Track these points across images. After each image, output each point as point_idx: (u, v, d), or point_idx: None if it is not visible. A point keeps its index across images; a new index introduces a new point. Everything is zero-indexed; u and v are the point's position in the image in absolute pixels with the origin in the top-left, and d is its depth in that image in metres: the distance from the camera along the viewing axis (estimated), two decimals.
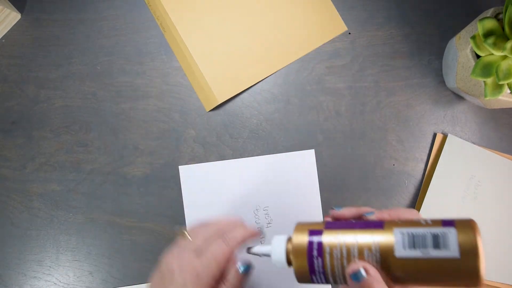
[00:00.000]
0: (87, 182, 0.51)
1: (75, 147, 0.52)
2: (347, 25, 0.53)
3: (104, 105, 0.52)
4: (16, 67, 0.52)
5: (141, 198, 0.51)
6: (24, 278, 0.51)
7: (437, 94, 0.52)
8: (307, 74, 0.52)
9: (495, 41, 0.39)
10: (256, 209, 0.51)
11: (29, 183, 0.51)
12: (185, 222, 0.51)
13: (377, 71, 0.52)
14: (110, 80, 0.52)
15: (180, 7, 0.52)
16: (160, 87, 0.52)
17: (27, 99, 0.52)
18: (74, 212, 0.51)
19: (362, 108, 0.52)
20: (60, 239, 0.51)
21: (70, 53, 0.53)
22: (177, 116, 0.52)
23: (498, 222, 0.50)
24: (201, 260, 0.34)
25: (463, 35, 0.46)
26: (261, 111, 0.52)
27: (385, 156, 0.52)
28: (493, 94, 0.41)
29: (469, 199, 0.50)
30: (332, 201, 0.51)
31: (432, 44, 0.53)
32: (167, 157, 0.51)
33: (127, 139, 0.52)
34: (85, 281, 0.50)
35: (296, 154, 0.51)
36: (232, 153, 0.51)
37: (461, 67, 0.45)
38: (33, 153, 0.52)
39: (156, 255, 0.51)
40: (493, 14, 0.42)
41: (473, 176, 0.50)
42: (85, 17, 0.53)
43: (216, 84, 0.51)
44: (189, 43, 0.51)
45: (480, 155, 0.51)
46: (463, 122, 0.52)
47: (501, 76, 0.39)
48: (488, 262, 0.51)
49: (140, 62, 0.52)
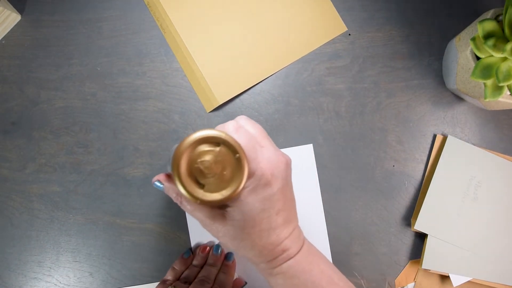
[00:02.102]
0: (87, 183, 0.51)
1: (75, 148, 0.52)
2: (347, 25, 0.53)
3: (104, 106, 0.52)
4: (16, 67, 0.52)
5: (141, 199, 0.51)
6: (24, 279, 0.51)
7: (437, 95, 0.52)
8: (307, 75, 0.52)
9: (495, 43, 0.39)
10: None
11: (29, 184, 0.51)
12: (186, 222, 0.51)
13: (377, 72, 0.52)
14: (110, 81, 0.52)
15: (180, 8, 0.52)
16: (160, 88, 0.52)
17: (27, 100, 0.52)
18: (74, 213, 0.51)
19: (362, 109, 0.52)
20: (60, 240, 0.51)
21: (70, 54, 0.53)
22: (177, 117, 0.52)
23: (498, 222, 0.50)
24: None
25: (463, 36, 0.46)
26: (261, 112, 0.52)
27: (385, 157, 0.52)
28: (493, 96, 0.41)
29: (469, 200, 0.50)
30: (332, 201, 0.51)
31: (432, 45, 0.53)
32: (167, 158, 0.51)
33: (127, 140, 0.52)
34: (85, 282, 0.50)
35: (295, 149, 0.51)
36: None
37: (461, 69, 0.45)
38: (33, 154, 0.52)
39: (156, 255, 0.51)
40: (493, 16, 0.42)
41: (473, 177, 0.50)
42: (85, 18, 0.53)
43: (216, 85, 0.51)
44: (189, 44, 0.51)
45: (480, 156, 0.51)
46: (463, 123, 0.52)
47: (501, 77, 0.39)
48: (488, 263, 0.51)
49: (140, 63, 0.52)
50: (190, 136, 0.28)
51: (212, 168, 0.28)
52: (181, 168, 0.27)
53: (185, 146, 0.27)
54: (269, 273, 0.35)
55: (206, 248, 0.49)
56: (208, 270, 0.47)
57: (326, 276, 0.35)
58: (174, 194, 0.35)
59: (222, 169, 0.28)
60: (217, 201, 0.28)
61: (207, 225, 0.33)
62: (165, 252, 0.51)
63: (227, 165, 0.28)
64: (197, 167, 0.28)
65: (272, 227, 0.32)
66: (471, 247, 0.49)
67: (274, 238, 0.32)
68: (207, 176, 0.28)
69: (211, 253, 0.49)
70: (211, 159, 0.28)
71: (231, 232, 0.32)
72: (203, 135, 0.28)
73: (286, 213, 0.33)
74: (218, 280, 0.46)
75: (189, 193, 0.27)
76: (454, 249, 0.49)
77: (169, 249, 0.51)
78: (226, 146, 0.28)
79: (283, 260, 0.33)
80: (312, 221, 0.50)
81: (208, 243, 0.50)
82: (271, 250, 0.33)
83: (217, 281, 0.46)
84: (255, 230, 0.32)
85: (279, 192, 0.32)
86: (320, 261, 0.35)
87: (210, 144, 0.28)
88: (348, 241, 0.51)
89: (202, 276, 0.46)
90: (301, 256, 0.34)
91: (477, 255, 0.49)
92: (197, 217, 0.34)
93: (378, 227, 0.51)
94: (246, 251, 0.33)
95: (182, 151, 0.27)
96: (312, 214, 0.50)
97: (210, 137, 0.28)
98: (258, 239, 0.32)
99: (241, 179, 0.28)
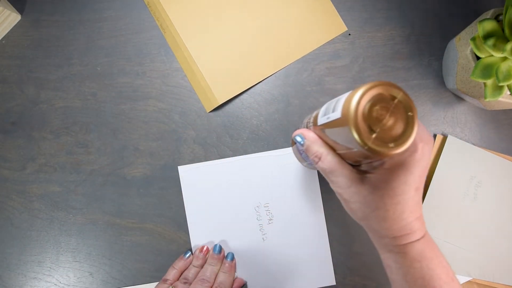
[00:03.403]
0: (87, 183, 0.51)
1: (75, 148, 0.52)
2: (347, 25, 0.53)
3: (104, 106, 0.52)
4: (16, 68, 0.52)
5: (141, 199, 0.51)
6: (24, 279, 0.51)
7: (437, 95, 0.52)
8: (307, 75, 0.52)
9: (495, 43, 0.39)
10: (257, 206, 0.51)
11: (29, 184, 0.51)
12: (186, 223, 0.51)
13: (377, 72, 0.52)
14: (110, 81, 0.52)
15: (180, 8, 0.52)
16: (160, 88, 0.52)
17: (27, 100, 0.52)
18: (74, 213, 0.51)
19: None
20: (60, 240, 0.51)
21: (70, 54, 0.53)
22: (177, 117, 0.52)
23: (498, 222, 0.50)
24: None
25: (463, 36, 0.46)
26: (261, 112, 0.52)
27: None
28: (493, 96, 0.41)
29: (469, 199, 0.50)
30: (332, 202, 0.51)
31: (432, 45, 0.53)
32: (167, 158, 0.51)
33: (127, 140, 0.52)
34: (85, 282, 0.50)
35: None
36: (232, 154, 0.51)
37: (461, 69, 0.45)
38: (33, 154, 0.52)
39: (156, 256, 0.51)
40: (493, 16, 0.42)
41: (473, 177, 0.50)
42: (85, 18, 0.53)
43: (216, 85, 0.51)
44: (189, 44, 0.51)
45: (480, 156, 0.51)
46: (463, 123, 0.52)
47: (501, 77, 0.39)
48: (488, 263, 0.51)
49: (140, 63, 0.52)
50: (371, 83, 0.27)
51: (386, 119, 0.27)
52: (359, 111, 0.26)
53: (366, 89, 0.27)
54: (389, 250, 0.34)
55: (205, 248, 0.49)
56: (208, 270, 0.47)
57: (445, 269, 0.34)
58: (315, 150, 0.33)
59: (393, 123, 0.27)
60: (382, 152, 0.27)
61: (343, 187, 0.32)
62: (165, 252, 0.51)
63: (399, 121, 0.27)
64: (373, 115, 0.27)
65: (408, 203, 0.31)
66: (471, 247, 0.49)
67: (406, 215, 0.31)
68: (378, 125, 0.27)
69: (211, 253, 0.49)
70: (387, 110, 0.27)
71: (367, 198, 0.31)
72: (386, 84, 0.27)
73: (420, 194, 0.32)
74: (218, 279, 0.46)
75: (360, 137, 0.26)
76: (454, 249, 0.49)
77: (169, 249, 0.51)
78: (401, 102, 0.27)
79: (408, 240, 0.32)
80: (312, 221, 0.50)
81: (208, 243, 0.50)
82: (401, 226, 0.32)
83: (217, 280, 0.46)
84: (393, 201, 0.31)
85: (423, 170, 0.31)
86: (439, 253, 0.34)
87: (385, 97, 0.28)
88: (348, 241, 0.51)
89: (202, 275, 0.46)
90: (425, 242, 0.33)
91: (477, 255, 0.49)
92: (334, 178, 0.33)
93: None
94: (375, 221, 0.32)
95: (362, 94, 0.27)
96: (312, 214, 0.50)
97: (390, 88, 0.27)
98: (392, 211, 0.31)
99: (408, 138, 0.27)
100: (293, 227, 0.51)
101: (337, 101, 0.29)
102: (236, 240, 0.50)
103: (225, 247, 0.50)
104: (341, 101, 0.28)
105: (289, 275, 0.50)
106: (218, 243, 0.50)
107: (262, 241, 0.50)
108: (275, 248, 0.50)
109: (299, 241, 0.50)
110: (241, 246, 0.50)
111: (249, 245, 0.50)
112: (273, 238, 0.50)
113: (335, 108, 0.29)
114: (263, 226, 0.51)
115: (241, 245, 0.50)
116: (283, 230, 0.51)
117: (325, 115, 0.31)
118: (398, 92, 0.27)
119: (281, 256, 0.50)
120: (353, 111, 0.26)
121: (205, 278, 0.46)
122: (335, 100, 0.30)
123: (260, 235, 0.51)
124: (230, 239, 0.50)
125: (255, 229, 0.51)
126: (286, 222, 0.51)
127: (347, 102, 0.27)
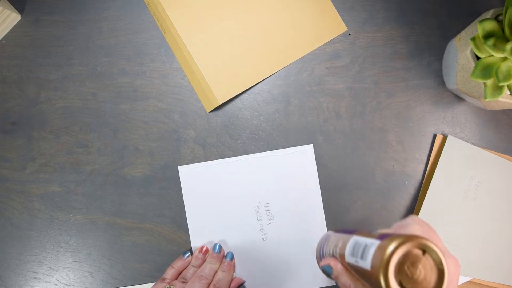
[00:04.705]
0: (87, 183, 0.51)
1: (75, 148, 0.52)
2: (347, 25, 0.53)
3: (104, 106, 0.52)
4: (16, 68, 0.52)
5: (141, 199, 0.51)
6: (24, 279, 0.51)
7: (437, 95, 0.52)
8: (307, 75, 0.52)
9: (495, 43, 0.39)
10: (257, 206, 0.51)
11: (29, 184, 0.51)
12: (186, 223, 0.51)
13: (377, 72, 0.52)
14: (110, 81, 0.52)
15: (179, 8, 0.52)
16: (160, 88, 0.52)
17: (27, 100, 0.52)
18: (74, 213, 0.51)
19: (362, 109, 0.52)
20: (60, 240, 0.51)
21: (70, 54, 0.53)
22: (177, 117, 0.52)
23: (498, 222, 0.50)
24: None
25: (463, 36, 0.46)
26: (261, 112, 0.52)
27: (385, 157, 0.52)
28: (493, 96, 0.41)
29: (469, 200, 0.50)
30: (332, 201, 0.51)
31: (432, 45, 0.53)
32: (167, 158, 0.51)
33: (127, 140, 0.52)
34: (86, 282, 0.50)
35: (295, 150, 0.51)
36: (232, 154, 0.51)
37: (461, 68, 0.45)
38: (33, 154, 0.52)
39: (156, 256, 0.51)
40: (493, 16, 0.42)
41: (473, 177, 0.50)
42: (85, 18, 0.53)
43: (216, 85, 0.51)
44: (189, 44, 0.51)
45: (480, 156, 0.51)
46: (463, 123, 0.52)
47: (501, 77, 0.39)
48: (488, 263, 0.51)
49: (140, 63, 0.52)
50: (401, 238, 0.27)
51: (416, 275, 0.27)
52: (389, 271, 0.26)
53: (396, 246, 0.27)
54: None
55: (204, 249, 0.49)
56: (207, 267, 0.47)
57: None
58: (343, 281, 0.33)
59: (424, 277, 0.28)
60: None
61: None
62: (165, 252, 0.51)
63: (428, 274, 0.28)
64: (403, 271, 0.27)
65: None
66: (471, 247, 0.49)
67: None
68: (409, 281, 0.27)
69: (211, 252, 0.49)
70: (417, 267, 0.27)
71: None
72: (415, 239, 0.27)
73: None
74: (217, 277, 0.46)
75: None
76: (454, 249, 0.49)
77: (169, 249, 0.51)
78: (431, 256, 0.28)
79: None
80: (312, 221, 0.51)
81: (208, 243, 0.50)
82: None
83: (216, 278, 0.46)
84: None
85: None
86: None
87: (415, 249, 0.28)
88: None
89: (200, 272, 0.46)
90: None
91: (477, 255, 0.49)
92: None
93: (378, 227, 0.51)
94: None
95: (392, 251, 0.26)
96: (312, 214, 0.51)
97: (420, 243, 0.27)
98: None
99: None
100: (293, 227, 0.51)
101: (365, 247, 0.29)
102: (236, 240, 0.51)
103: (225, 247, 0.50)
104: (371, 251, 0.28)
105: (289, 275, 0.50)
106: (218, 243, 0.50)
107: (262, 241, 0.50)
108: (275, 248, 0.50)
109: (299, 241, 0.50)
110: (241, 246, 0.50)
111: (249, 245, 0.50)
112: (273, 238, 0.50)
113: (364, 256, 0.29)
114: (263, 226, 0.51)
115: (241, 245, 0.50)
116: (283, 230, 0.51)
117: (353, 256, 0.31)
118: (427, 247, 0.27)
119: (281, 256, 0.50)
120: (384, 269, 0.26)
121: (203, 275, 0.46)
122: (363, 244, 0.30)
123: (260, 235, 0.51)
124: (230, 239, 0.51)
125: (255, 229, 0.51)
126: (286, 222, 0.51)
127: (376, 258, 0.27)
